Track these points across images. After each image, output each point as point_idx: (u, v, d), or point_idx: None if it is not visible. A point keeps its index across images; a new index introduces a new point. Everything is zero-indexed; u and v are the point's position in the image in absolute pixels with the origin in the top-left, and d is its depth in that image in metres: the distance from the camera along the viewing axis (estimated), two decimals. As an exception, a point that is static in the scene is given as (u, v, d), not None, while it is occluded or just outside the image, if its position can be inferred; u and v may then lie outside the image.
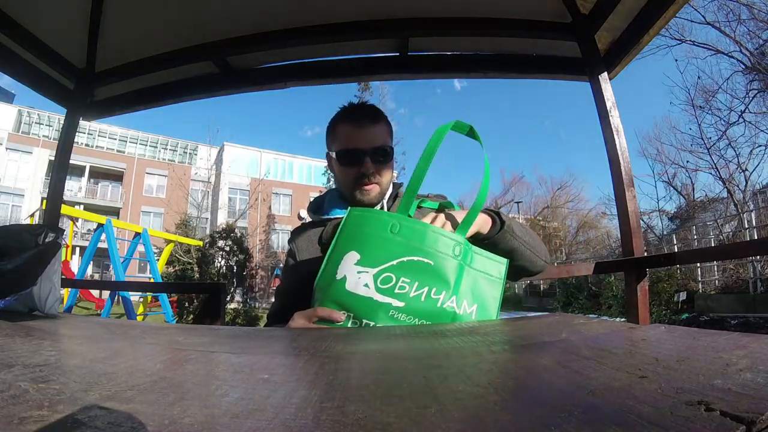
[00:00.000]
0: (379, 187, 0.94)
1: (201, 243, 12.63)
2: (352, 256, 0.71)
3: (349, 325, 0.69)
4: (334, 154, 0.95)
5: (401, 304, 0.68)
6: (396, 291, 0.68)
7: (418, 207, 0.92)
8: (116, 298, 8.53)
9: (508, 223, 0.84)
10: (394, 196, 1.01)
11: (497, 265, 0.77)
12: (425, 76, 2.08)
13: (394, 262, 0.69)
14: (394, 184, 1.03)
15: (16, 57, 1.80)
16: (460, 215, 0.79)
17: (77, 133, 2.17)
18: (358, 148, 0.91)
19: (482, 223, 0.81)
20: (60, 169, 2.04)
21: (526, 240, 0.86)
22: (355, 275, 0.70)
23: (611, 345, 0.43)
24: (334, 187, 1.06)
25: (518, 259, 0.86)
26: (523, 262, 0.88)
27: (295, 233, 1.01)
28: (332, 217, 0.97)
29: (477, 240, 0.81)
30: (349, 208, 0.78)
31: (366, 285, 0.69)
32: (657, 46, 11.28)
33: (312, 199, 1.10)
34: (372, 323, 0.68)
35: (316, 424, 0.22)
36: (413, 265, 0.70)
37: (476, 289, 0.73)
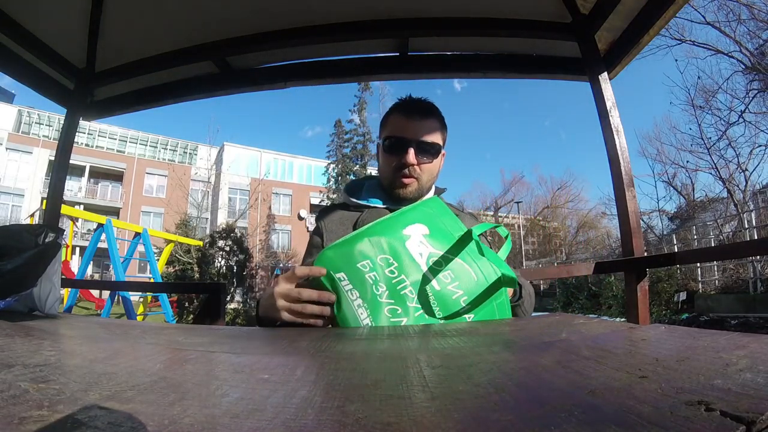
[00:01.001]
0: (418, 183, 0.93)
1: (201, 243, 12.62)
2: (421, 228, 0.75)
3: (344, 290, 0.69)
4: (380, 142, 0.96)
5: (438, 287, 0.70)
6: (440, 276, 0.71)
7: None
8: (116, 298, 8.53)
9: (524, 296, 0.86)
10: None
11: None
12: (425, 76, 2.08)
13: (453, 257, 0.73)
14: (436, 188, 1.01)
15: (16, 57, 1.81)
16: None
17: (77, 133, 2.17)
18: (403, 137, 0.91)
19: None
20: (60, 169, 2.04)
21: (526, 308, 0.88)
22: (417, 242, 0.73)
23: (611, 345, 0.43)
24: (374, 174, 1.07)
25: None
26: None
27: (325, 212, 0.99)
28: (369, 204, 0.96)
29: None
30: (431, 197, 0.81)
31: (420, 254, 0.72)
32: (657, 46, 11.28)
33: (350, 180, 1.09)
34: (376, 292, 0.69)
35: (317, 424, 0.22)
36: (463, 270, 0.72)
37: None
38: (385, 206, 0.95)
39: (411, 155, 0.90)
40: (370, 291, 0.69)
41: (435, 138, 0.93)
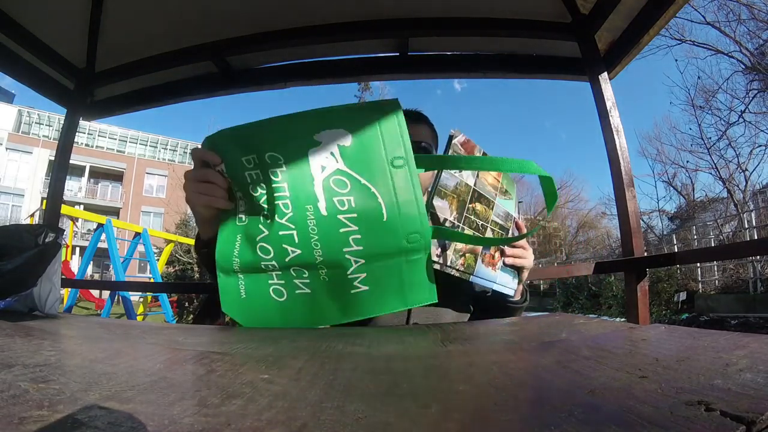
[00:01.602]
0: None
1: (201, 243, 12.59)
2: (341, 136, 0.59)
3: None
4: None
5: (324, 212, 0.59)
6: (335, 199, 0.59)
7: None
8: (116, 298, 8.52)
9: (525, 305, 0.89)
10: None
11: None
12: (425, 76, 2.08)
13: (363, 181, 0.59)
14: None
15: (16, 57, 1.80)
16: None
17: (77, 133, 2.17)
18: None
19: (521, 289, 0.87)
20: (60, 169, 2.04)
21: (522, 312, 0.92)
22: (327, 153, 0.59)
23: (611, 345, 0.43)
24: None
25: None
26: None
27: None
28: None
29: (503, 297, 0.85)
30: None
31: (323, 168, 0.59)
32: (657, 46, 11.28)
33: None
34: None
35: (316, 424, 0.22)
36: (369, 202, 0.59)
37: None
38: None
39: None
40: (247, 190, 0.60)
41: (426, 139, 0.98)
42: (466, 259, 0.70)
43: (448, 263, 0.68)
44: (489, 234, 0.76)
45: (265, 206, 0.61)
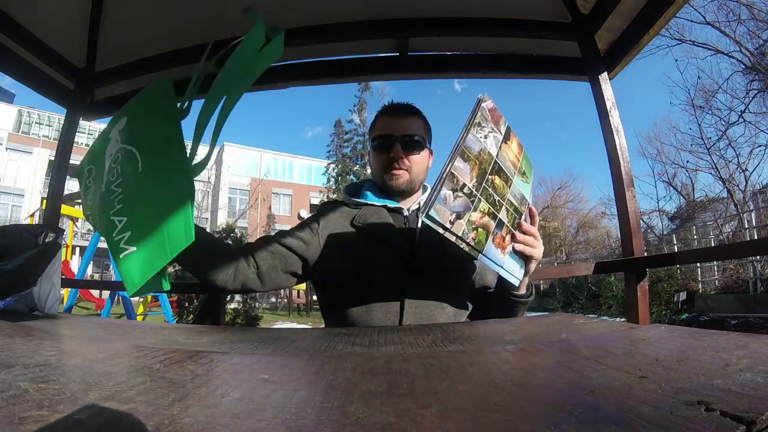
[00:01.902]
0: (409, 174, 0.97)
1: (201, 243, 12.59)
2: (122, 122, 0.70)
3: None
4: (370, 143, 1.03)
5: (104, 188, 0.66)
6: (109, 175, 0.67)
7: None
8: (116, 298, 8.52)
9: (530, 300, 0.88)
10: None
11: None
12: (425, 76, 2.08)
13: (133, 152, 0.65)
14: (425, 186, 1.06)
15: (16, 57, 1.80)
16: None
17: (77, 133, 2.17)
18: (389, 134, 0.97)
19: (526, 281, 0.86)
20: (60, 169, 2.03)
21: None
22: (115, 139, 0.69)
23: (611, 345, 0.43)
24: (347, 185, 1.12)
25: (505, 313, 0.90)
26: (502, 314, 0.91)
27: (324, 208, 1.03)
28: (366, 201, 0.99)
29: (505, 291, 0.86)
30: None
31: (110, 155, 0.69)
32: (657, 46, 11.28)
33: (351, 182, 1.15)
34: None
35: (316, 424, 0.22)
36: (132, 176, 0.63)
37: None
38: (381, 203, 0.98)
39: (398, 149, 0.96)
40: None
41: (418, 131, 0.99)
42: (478, 234, 0.68)
43: (461, 233, 0.66)
44: (503, 213, 0.73)
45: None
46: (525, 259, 0.81)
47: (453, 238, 0.65)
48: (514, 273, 0.79)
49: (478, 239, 0.68)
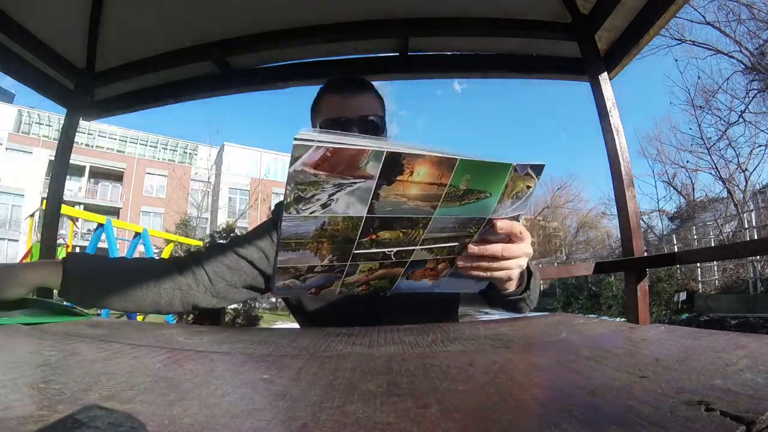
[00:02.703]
0: None
1: (201, 243, 12.61)
2: None
3: None
4: (318, 129, 0.81)
5: None
6: None
7: None
8: (116, 298, 8.51)
9: (532, 287, 0.71)
10: None
11: None
12: (425, 76, 2.09)
13: None
14: None
15: (16, 57, 1.81)
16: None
17: (77, 133, 2.17)
18: (343, 116, 0.80)
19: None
20: (60, 169, 2.04)
21: (532, 300, 0.74)
22: None
23: (611, 345, 0.43)
24: None
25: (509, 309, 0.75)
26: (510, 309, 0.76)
27: (280, 211, 0.90)
28: None
29: (499, 294, 0.69)
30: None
31: None
32: (657, 46, 11.31)
33: None
34: None
35: (316, 424, 0.22)
36: None
37: None
38: None
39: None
40: None
41: (376, 111, 0.83)
42: (372, 285, 0.59)
43: (337, 294, 0.59)
44: (420, 254, 0.56)
45: None
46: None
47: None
48: (464, 288, 0.66)
49: (375, 286, 0.60)
